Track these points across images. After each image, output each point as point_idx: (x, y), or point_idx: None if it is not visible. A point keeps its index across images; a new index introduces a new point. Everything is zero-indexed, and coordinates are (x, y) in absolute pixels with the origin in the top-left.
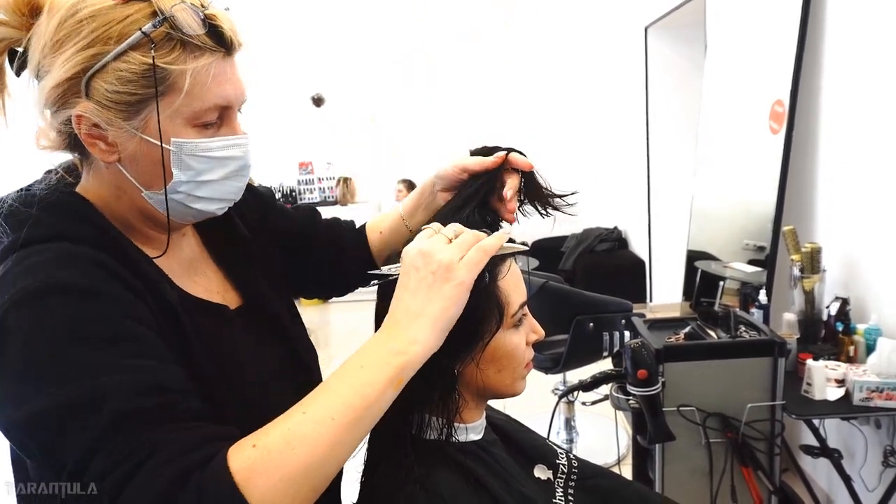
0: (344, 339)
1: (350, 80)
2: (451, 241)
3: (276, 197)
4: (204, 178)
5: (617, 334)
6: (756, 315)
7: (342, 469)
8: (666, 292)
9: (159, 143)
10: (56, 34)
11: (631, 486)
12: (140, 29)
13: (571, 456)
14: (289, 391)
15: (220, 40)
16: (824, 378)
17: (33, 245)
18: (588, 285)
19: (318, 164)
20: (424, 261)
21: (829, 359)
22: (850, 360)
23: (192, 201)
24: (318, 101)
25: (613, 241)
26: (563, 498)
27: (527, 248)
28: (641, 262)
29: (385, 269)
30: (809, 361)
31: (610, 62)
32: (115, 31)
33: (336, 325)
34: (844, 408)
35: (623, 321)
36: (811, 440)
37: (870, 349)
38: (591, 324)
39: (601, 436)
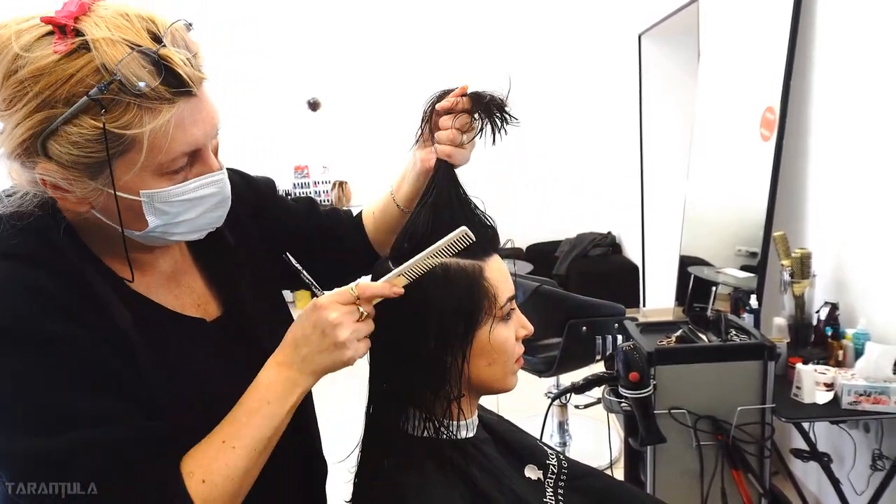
0: None
1: (346, 85)
2: (359, 311)
3: None
4: (181, 219)
5: (610, 338)
6: (747, 319)
7: (326, 466)
8: (659, 297)
9: (127, 197)
10: (3, 92)
11: (621, 487)
12: (87, 94)
13: (562, 456)
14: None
15: (178, 84)
16: (813, 382)
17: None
18: (582, 290)
19: (313, 168)
20: (331, 328)
21: (818, 363)
22: (839, 364)
23: (170, 235)
24: (314, 106)
25: (607, 246)
26: (553, 498)
27: (465, 234)
28: (635, 267)
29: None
30: (799, 365)
31: (604, 69)
32: (62, 92)
33: None
34: (833, 411)
35: (616, 325)
36: (801, 444)
37: (858, 353)
38: (585, 327)
39: (594, 439)
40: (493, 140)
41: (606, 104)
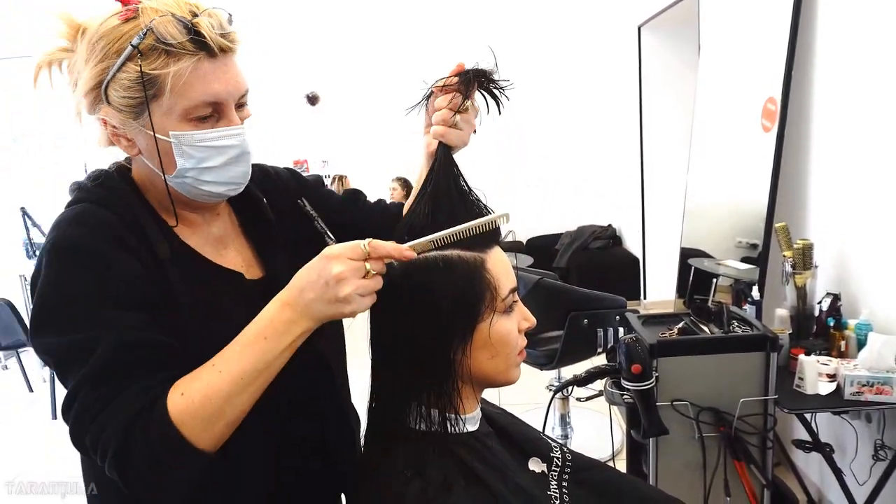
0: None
1: (345, 79)
2: (365, 268)
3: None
4: (206, 165)
5: (611, 330)
6: (749, 311)
7: (344, 472)
8: (660, 289)
9: (161, 138)
10: (83, 53)
11: (625, 480)
12: (130, 43)
13: (566, 449)
14: None
15: (200, 44)
16: (816, 373)
17: (74, 203)
18: (582, 282)
19: (312, 163)
20: (335, 282)
21: (820, 354)
22: (842, 354)
23: (200, 184)
24: (312, 100)
25: (607, 239)
26: (556, 491)
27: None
28: (635, 260)
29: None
30: (801, 356)
31: (603, 60)
32: (115, 47)
33: None
34: (836, 402)
35: (617, 317)
36: (802, 434)
37: (861, 344)
38: (586, 320)
39: (596, 431)
40: (489, 111)
41: (606, 96)
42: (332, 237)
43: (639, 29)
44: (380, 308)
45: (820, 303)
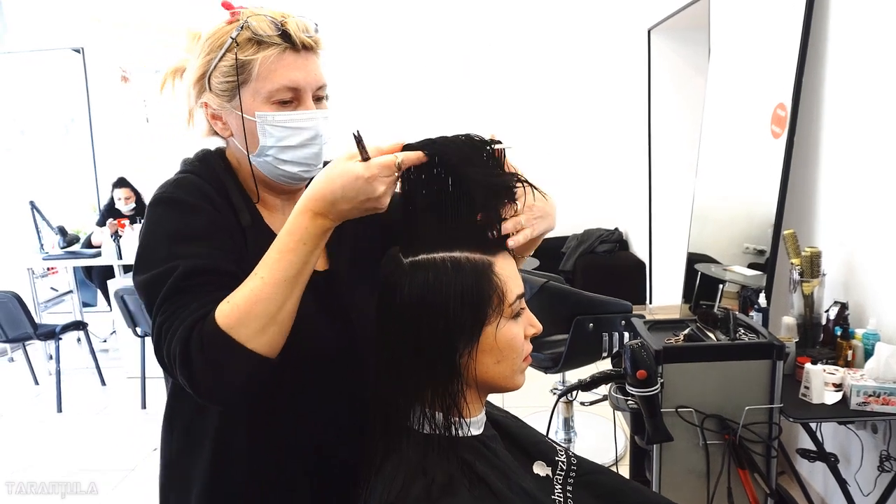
0: None
1: (345, 82)
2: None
3: None
4: (284, 144)
5: (616, 335)
6: (755, 318)
7: (352, 467)
8: (666, 294)
9: (248, 118)
10: (195, 52)
11: (628, 485)
12: (230, 36)
13: (570, 453)
14: (327, 338)
15: (286, 39)
16: (822, 382)
17: (180, 173)
18: (588, 286)
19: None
20: (376, 198)
21: (827, 363)
22: (848, 364)
23: (279, 163)
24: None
25: (614, 243)
26: (561, 495)
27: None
28: (642, 264)
29: None
30: (808, 365)
31: (612, 64)
32: (218, 42)
33: None
34: (842, 412)
35: (623, 322)
36: (807, 444)
37: (868, 354)
38: (591, 324)
39: (599, 436)
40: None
41: (614, 99)
42: (368, 154)
43: (648, 32)
44: (386, 308)
45: (827, 311)
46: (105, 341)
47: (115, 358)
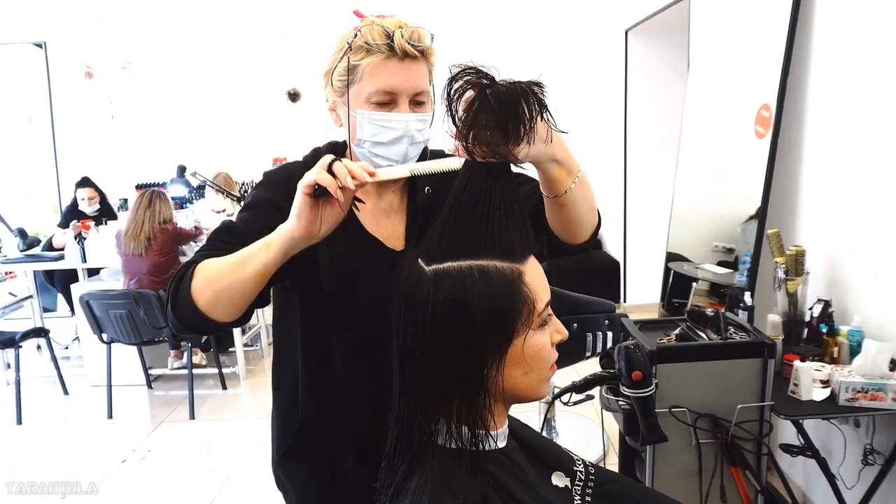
0: None
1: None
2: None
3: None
4: (376, 140)
5: (600, 335)
6: (742, 317)
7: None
8: (640, 293)
9: (352, 114)
10: (330, 51)
11: (643, 491)
12: (346, 41)
13: (588, 462)
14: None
15: (390, 47)
16: (811, 379)
17: (301, 161)
18: (562, 285)
19: (293, 160)
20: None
21: (812, 360)
22: (834, 360)
23: (372, 156)
24: (293, 96)
25: None
26: None
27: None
28: (616, 263)
29: None
30: (797, 362)
31: (589, 65)
32: (340, 45)
33: None
34: (830, 408)
35: (606, 322)
36: (789, 439)
37: (853, 350)
38: (575, 325)
39: (579, 435)
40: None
41: (590, 101)
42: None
43: (626, 33)
44: (407, 320)
45: (811, 309)
46: (67, 348)
47: (78, 366)
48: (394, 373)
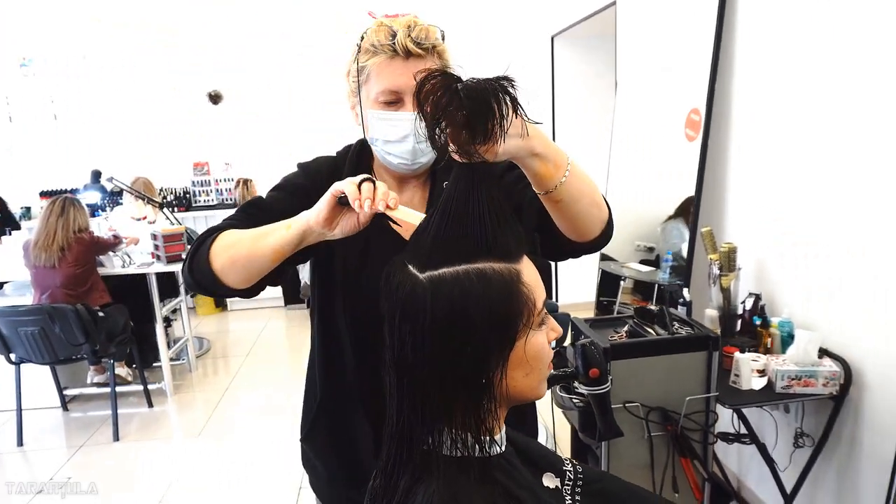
0: (243, 347)
1: (249, 77)
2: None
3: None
4: (385, 138)
5: None
6: (680, 312)
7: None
8: (571, 293)
9: (362, 110)
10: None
11: (631, 488)
12: (356, 43)
13: (575, 462)
14: None
15: (394, 47)
16: (750, 369)
17: (335, 154)
18: None
19: (214, 165)
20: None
21: (749, 351)
22: (769, 351)
23: (384, 153)
24: (215, 98)
25: None
26: None
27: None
28: (547, 265)
29: None
30: (737, 354)
31: (514, 70)
32: (355, 49)
33: (235, 334)
34: (769, 396)
35: None
36: (724, 427)
37: (784, 340)
38: None
39: None
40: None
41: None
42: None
43: (552, 39)
44: (403, 328)
45: (743, 303)
46: None
47: None
48: (388, 386)
